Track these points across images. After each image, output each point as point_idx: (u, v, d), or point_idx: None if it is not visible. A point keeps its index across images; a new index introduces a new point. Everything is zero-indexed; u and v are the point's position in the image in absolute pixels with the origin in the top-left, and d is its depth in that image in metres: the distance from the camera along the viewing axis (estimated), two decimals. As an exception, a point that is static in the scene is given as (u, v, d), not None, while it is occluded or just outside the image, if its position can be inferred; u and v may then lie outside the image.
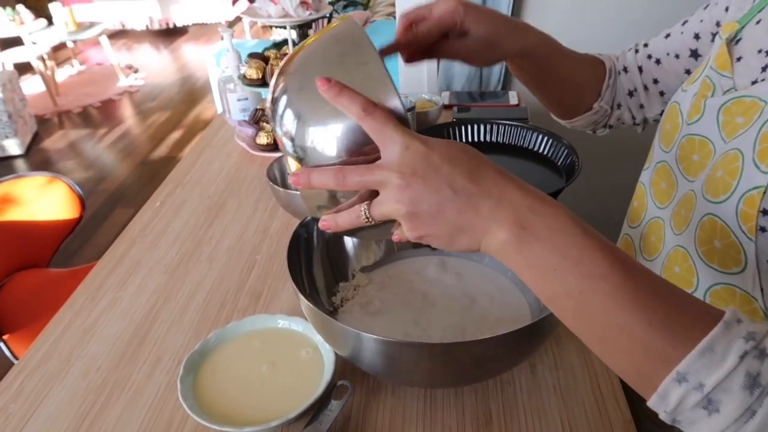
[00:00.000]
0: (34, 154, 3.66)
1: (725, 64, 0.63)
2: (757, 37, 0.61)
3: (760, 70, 0.59)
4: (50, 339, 0.80)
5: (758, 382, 0.35)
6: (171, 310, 0.84)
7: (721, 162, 0.58)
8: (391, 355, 0.58)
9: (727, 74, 0.62)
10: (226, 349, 0.71)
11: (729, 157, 0.57)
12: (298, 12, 1.14)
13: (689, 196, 0.63)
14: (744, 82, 0.60)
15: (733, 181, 0.55)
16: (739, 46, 0.63)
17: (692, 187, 0.63)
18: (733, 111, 0.58)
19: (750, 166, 0.54)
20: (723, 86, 0.62)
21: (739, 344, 0.36)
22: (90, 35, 4.63)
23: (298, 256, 0.71)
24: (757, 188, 0.53)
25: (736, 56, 0.63)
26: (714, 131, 0.61)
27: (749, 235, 0.54)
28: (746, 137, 0.55)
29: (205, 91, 4.49)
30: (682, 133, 0.66)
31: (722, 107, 0.60)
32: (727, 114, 0.59)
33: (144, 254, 0.97)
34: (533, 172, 1.08)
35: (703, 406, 0.36)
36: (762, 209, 0.52)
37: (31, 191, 1.52)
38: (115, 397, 0.70)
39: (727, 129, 0.59)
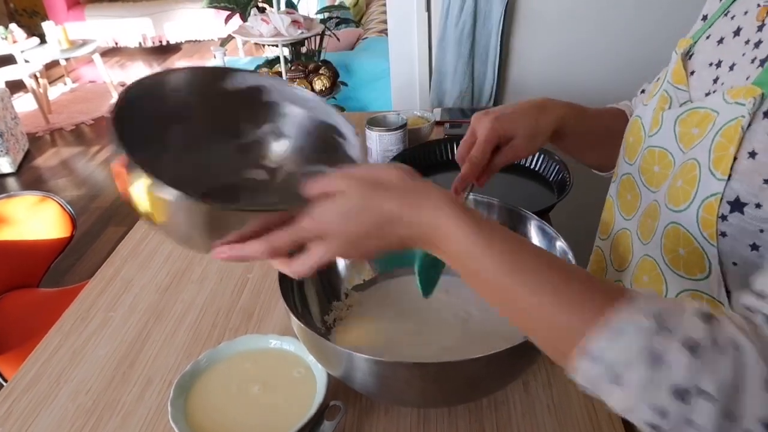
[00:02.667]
0: (25, 172, 3.65)
1: (681, 78, 0.67)
2: (707, 51, 0.65)
3: (711, 83, 0.62)
4: (39, 361, 0.79)
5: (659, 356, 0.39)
6: (162, 331, 0.83)
7: (680, 172, 0.60)
8: (383, 376, 0.58)
9: (683, 87, 0.66)
10: (217, 369, 0.70)
11: (687, 166, 0.59)
12: (290, 31, 1.15)
13: (653, 206, 0.65)
14: (698, 95, 0.64)
15: (692, 189, 0.58)
16: (692, 61, 0.68)
17: (656, 198, 0.65)
18: (689, 122, 0.61)
19: (707, 174, 0.56)
20: (679, 99, 0.66)
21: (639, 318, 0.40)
22: (83, 53, 4.63)
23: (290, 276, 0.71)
24: (714, 195, 0.55)
25: (690, 70, 0.67)
26: (672, 142, 0.64)
27: (711, 240, 0.56)
28: (701, 147, 0.57)
29: (198, 108, 4.49)
30: (644, 146, 0.69)
31: (678, 118, 0.63)
32: (683, 125, 0.62)
33: (135, 273, 0.96)
34: (525, 188, 1.08)
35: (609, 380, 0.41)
36: (721, 215, 0.55)
37: (23, 210, 1.51)
38: (105, 420, 0.69)
39: (684, 140, 0.61)
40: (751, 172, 0.52)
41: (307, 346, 0.64)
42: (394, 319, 0.75)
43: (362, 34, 3.44)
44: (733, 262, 0.56)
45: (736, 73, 0.59)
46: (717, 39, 0.65)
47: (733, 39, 0.62)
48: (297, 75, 1.19)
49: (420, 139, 1.29)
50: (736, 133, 0.53)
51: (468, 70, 1.69)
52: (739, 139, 0.53)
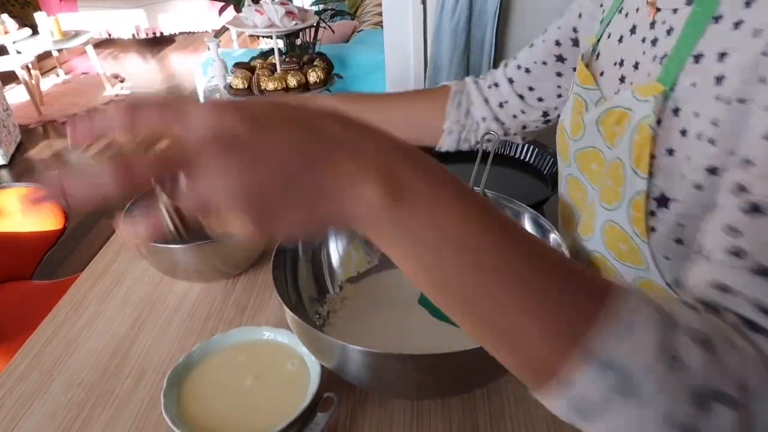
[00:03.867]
0: (18, 164, 3.62)
1: (587, 79, 0.69)
2: (611, 50, 0.67)
3: (618, 82, 0.64)
4: (32, 352, 0.79)
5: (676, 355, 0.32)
6: (155, 323, 0.83)
7: (609, 171, 0.61)
8: (377, 367, 0.58)
9: (592, 87, 0.68)
10: (210, 362, 0.70)
11: (614, 165, 0.60)
12: (284, 22, 1.14)
13: (593, 204, 0.66)
14: (609, 94, 0.66)
15: (620, 188, 0.58)
16: (600, 61, 0.69)
17: (596, 196, 0.66)
18: (608, 122, 0.63)
19: (630, 172, 0.57)
20: (593, 98, 0.68)
21: (647, 311, 0.33)
22: (76, 44, 4.60)
23: (284, 268, 0.71)
24: (639, 193, 0.56)
25: (599, 71, 0.69)
26: (600, 141, 0.65)
27: (642, 237, 0.57)
28: (623, 145, 0.58)
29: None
30: (573, 149, 0.71)
31: (598, 120, 0.64)
32: (604, 125, 0.64)
33: (128, 265, 0.96)
34: (519, 180, 1.08)
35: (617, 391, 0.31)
36: (650, 211, 0.56)
37: (15, 202, 1.50)
38: (98, 411, 0.69)
39: (609, 138, 0.63)
40: (671, 169, 0.54)
41: (300, 338, 0.64)
42: (388, 311, 0.75)
43: (357, 27, 3.42)
44: (665, 257, 0.57)
45: (641, 71, 0.60)
46: (617, 38, 0.66)
47: (631, 37, 0.63)
48: (291, 67, 1.18)
49: (415, 131, 1.28)
50: (648, 132, 0.54)
51: (463, 62, 1.69)
52: (650, 137, 0.54)
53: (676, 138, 0.53)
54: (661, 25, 0.58)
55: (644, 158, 0.55)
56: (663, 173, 0.55)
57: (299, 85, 1.15)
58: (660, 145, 0.55)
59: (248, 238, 0.33)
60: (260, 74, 1.16)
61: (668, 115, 0.54)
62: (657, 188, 0.55)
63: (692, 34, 0.52)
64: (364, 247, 0.81)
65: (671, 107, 0.54)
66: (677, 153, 0.53)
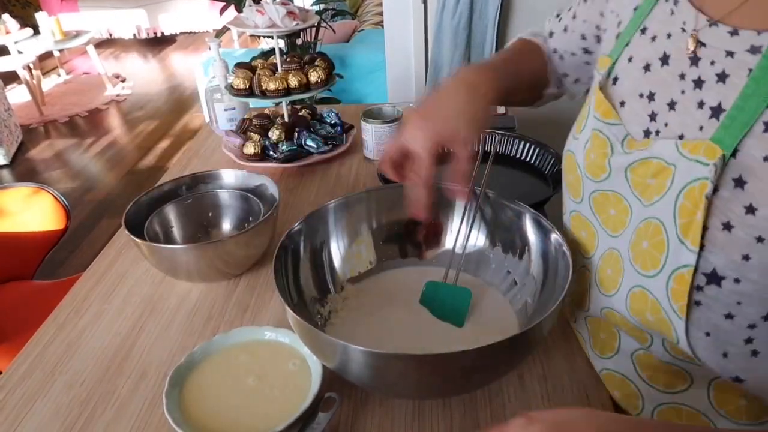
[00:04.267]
0: (19, 164, 3.63)
1: (608, 112, 0.61)
2: (635, 78, 0.60)
3: (648, 119, 0.57)
4: (34, 353, 0.79)
5: None
6: (157, 323, 0.83)
7: (645, 231, 0.56)
8: (378, 367, 0.58)
9: (615, 122, 0.60)
10: (212, 362, 0.70)
11: (652, 227, 0.55)
12: (285, 22, 1.14)
13: (614, 255, 0.61)
14: (636, 130, 0.58)
15: (661, 255, 0.53)
16: (618, 88, 0.62)
17: (615, 245, 0.61)
18: (641, 172, 0.56)
19: (676, 242, 0.52)
20: (617, 136, 0.60)
21: None
22: (77, 44, 4.60)
23: (285, 268, 0.71)
24: (686, 267, 0.51)
25: (619, 100, 0.61)
26: (626, 189, 0.59)
27: (680, 314, 0.53)
28: (665, 206, 0.53)
29: (193, 101, 4.47)
30: (589, 189, 0.64)
31: (629, 167, 0.58)
32: (636, 174, 0.57)
33: (130, 266, 0.96)
34: (521, 180, 1.08)
35: None
36: (696, 285, 0.51)
37: (16, 202, 1.50)
38: (100, 411, 0.69)
39: (640, 188, 0.57)
40: (728, 246, 0.48)
41: (302, 338, 0.64)
42: (389, 311, 0.75)
43: (358, 26, 3.42)
44: (706, 333, 0.52)
45: (682, 116, 0.54)
46: (642, 65, 0.59)
47: (662, 68, 0.57)
48: (292, 67, 1.18)
49: (416, 131, 1.29)
50: (701, 200, 0.49)
51: (464, 62, 1.69)
52: (705, 208, 0.49)
53: (739, 214, 0.47)
54: (708, 66, 0.51)
55: (695, 229, 0.49)
56: (717, 248, 0.49)
57: (300, 85, 1.15)
58: (715, 217, 0.49)
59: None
60: (261, 74, 1.16)
61: (728, 184, 0.48)
62: (708, 263, 0.50)
63: (762, 92, 0.46)
64: (365, 247, 0.81)
65: (732, 176, 0.48)
66: (738, 230, 0.48)
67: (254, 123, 1.28)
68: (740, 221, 0.47)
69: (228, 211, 0.99)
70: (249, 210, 0.97)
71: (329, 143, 1.24)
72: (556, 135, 0.94)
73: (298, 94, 1.16)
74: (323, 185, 1.17)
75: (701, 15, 0.52)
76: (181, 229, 0.96)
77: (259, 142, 1.21)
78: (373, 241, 0.82)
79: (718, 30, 0.50)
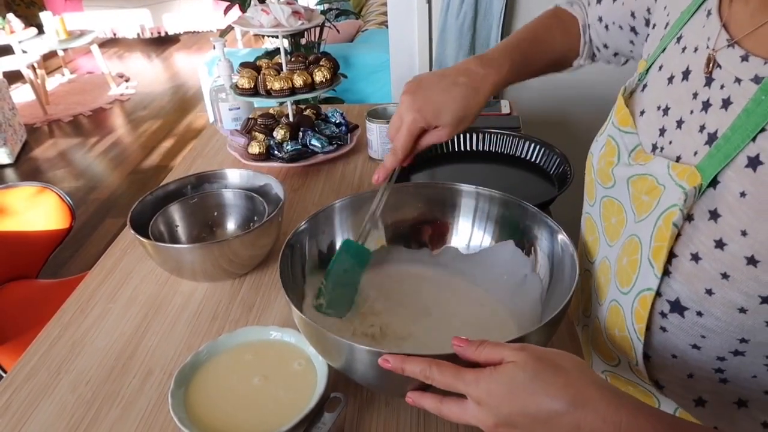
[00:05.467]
0: (23, 163, 3.64)
1: (625, 119, 0.60)
2: (659, 89, 0.57)
3: (658, 133, 0.55)
4: (39, 352, 0.79)
5: None
6: (162, 322, 0.83)
7: (628, 247, 0.55)
8: (384, 367, 0.58)
9: (630, 130, 0.59)
10: (217, 361, 0.70)
11: (632, 244, 0.54)
12: (290, 22, 1.14)
13: (606, 265, 0.61)
14: (647, 143, 0.57)
15: (633, 274, 0.53)
16: (644, 96, 0.60)
17: (608, 255, 0.61)
18: (639, 186, 0.55)
19: (646, 263, 0.51)
20: (628, 145, 0.59)
21: None
22: (81, 44, 4.61)
23: (291, 267, 0.71)
24: (649, 290, 0.51)
25: (640, 109, 0.59)
26: (627, 200, 0.58)
27: (639, 335, 0.53)
28: (646, 226, 0.52)
29: (196, 100, 4.48)
30: (601, 194, 0.63)
31: (630, 179, 0.57)
32: (635, 187, 0.56)
33: (135, 265, 0.96)
34: (525, 181, 1.08)
35: None
36: (660, 311, 0.51)
37: (21, 201, 1.50)
38: (105, 411, 0.69)
39: (636, 203, 0.56)
40: (693, 277, 0.47)
41: (307, 338, 0.64)
42: (396, 311, 0.75)
43: (362, 26, 3.42)
44: (672, 355, 0.52)
45: (685, 136, 0.52)
46: (668, 75, 0.56)
47: (682, 83, 0.54)
48: (297, 66, 1.18)
49: (420, 131, 1.28)
50: (669, 228, 0.48)
51: (468, 62, 1.69)
52: (671, 236, 0.48)
53: (709, 247, 0.46)
54: (718, 90, 0.48)
55: (662, 254, 0.48)
56: (683, 278, 0.48)
57: (305, 84, 1.15)
58: (685, 246, 0.48)
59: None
60: (266, 74, 1.16)
61: (703, 215, 0.46)
62: (673, 291, 0.49)
63: (749, 126, 0.43)
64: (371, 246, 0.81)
65: (708, 207, 0.46)
66: (705, 263, 0.46)
67: (259, 123, 1.28)
68: (709, 254, 0.46)
69: (233, 210, 0.99)
70: (254, 209, 0.97)
71: (334, 143, 1.24)
72: (561, 135, 0.94)
73: (302, 93, 1.16)
74: (328, 185, 1.17)
75: (723, 32, 0.50)
76: (186, 228, 0.96)
77: (264, 141, 1.21)
78: (379, 240, 0.82)
79: (733, 52, 0.48)
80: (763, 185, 0.42)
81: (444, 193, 0.81)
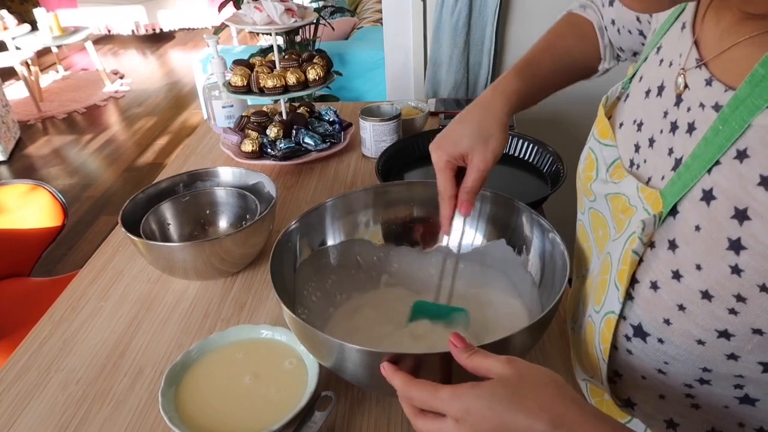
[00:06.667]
0: (17, 160, 3.62)
1: (604, 131, 0.59)
2: (636, 101, 0.56)
3: (633, 149, 0.54)
4: (30, 350, 0.79)
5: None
6: (153, 321, 0.83)
7: (603, 266, 0.55)
8: (375, 366, 0.58)
9: (610, 143, 0.58)
10: (208, 360, 0.70)
11: (605, 264, 0.54)
12: (283, 19, 1.14)
13: (591, 278, 0.61)
14: (625, 157, 0.55)
15: (603, 295, 0.53)
16: (625, 106, 0.58)
17: (595, 267, 0.60)
18: (616, 204, 0.54)
19: (612, 284, 0.51)
20: (606, 159, 0.58)
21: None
22: (75, 40, 4.59)
23: (282, 266, 0.71)
24: (613, 313, 0.50)
25: (620, 121, 0.58)
26: (608, 215, 0.57)
27: (604, 355, 0.53)
28: (617, 247, 0.51)
29: (191, 97, 4.47)
30: (587, 205, 0.63)
31: (608, 196, 0.56)
32: (613, 204, 0.55)
33: (126, 263, 0.96)
34: (519, 179, 1.08)
35: None
36: (625, 335, 0.51)
37: (14, 199, 1.49)
38: (96, 410, 0.69)
39: (616, 220, 0.55)
40: (652, 305, 0.47)
41: (298, 337, 0.64)
42: (387, 311, 0.75)
43: (357, 24, 3.41)
44: (642, 376, 0.52)
45: (655, 157, 0.50)
46: (645, 88, 0.55)
47: (656, 98, 0.52)
48: (291, 64, 1.18)
49: (414, 129, 1.28)
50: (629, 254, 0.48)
51: (463, 60, 1.69)
52: (630, 262, 0.47)
53: (667, 276, 0.45)
54: (685, 112, 0.47)
55: (625, 278, 0.48)
56: (645, 304, 0.48)
57: (298, 82, 1.14)
58: (645, 273, 0.47)
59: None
60: (259, 71, 1.16)
61: (663, 244, 0.46)
62: (636, 316, 0.49)
63: (707, 156, 0.42)
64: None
65: (668, 237, 0.45)
66: (663, 293, 0.46)
67: (252, 120, 1.27)
68: (666, 284, 0.46)
69: (225, 208, 0.99)
70: (246, 208, 0.97)
71: (327, 141, 1.24)
72: (554, 134, 0.94)
73: (296, 91, 1.16)
74: (321, 183, 1.17)
75: (694, 50, 0.48)
76: (178, 226, 0.96)
77: (257, 139, 1.21)
78: (371, 239, 0.82)
79: (700, 74, 0.46)
80: (715, 222, 0.41)
81: (437, 192, 0.81)
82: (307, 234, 0.76)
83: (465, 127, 0.70)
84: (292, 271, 0.73)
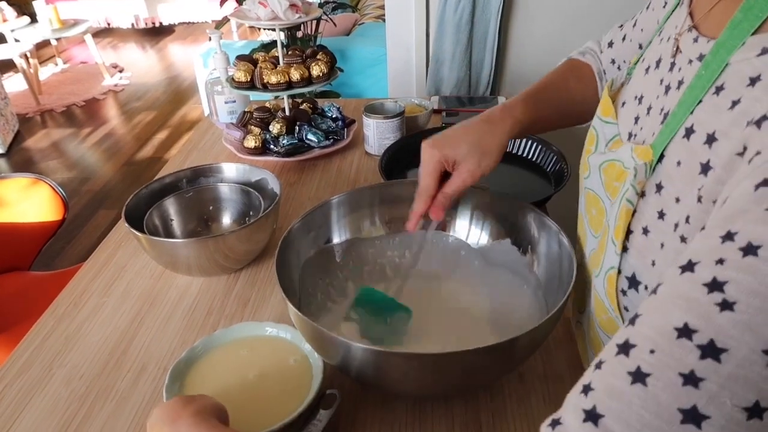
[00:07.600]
0: (15, 153, 3.61)
1: (608, 110, 0.62)
2: (638, 80, 0.60)
3: (633, 121, 0.57)
4: (32, 346, 0.78)
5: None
6: (156, 317, 0.82)
7: (603, 233, 0.56)
8: (380, 365, 0.58)
9: (611, 120, 0.61)
10: (212, 357, 0.70)
11: (604, 229, 0.55)
12: (288, 15, 1.13)
13: (593, 257, 0.62)
14: (624, 132, 0.58)
15: (602, 256, 0.55)
16: (628, 87, 0.62)
17: (595, 246, 0.61)
18: (610, 173, 0.56)
19: (610, 242, 0.52)
20: (606, 135, 0.60)
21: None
22: (74, 33, 4.57)
23: (287, 262, 0.71)
24: (612, 268, 0.52)
25: (622, 101, 0.61)
26: (601, 189, 0.59)
27: (615, 312, 0.53)
28: (614, 208, 0.53)
29: (191, 92, 4.45)
30: (582, 187, 0.65)
31: (601, 166, 0.58)
32: (607, 174, 0.57)
33: (129, 259, 0.96)
34: (522, 178, 1.08)
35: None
36: (621, 289, 0.52)
37: (13, 193, 1.49)
38: (99, 406, 0.69)
39: (610, 190, 0.57)
40: (644, 250, 0.49)
41: (303, 335, 0.64)
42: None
43: (359, 20, 3.40)
44: None
45: (651, 121, 0.53)
46: (646, 66, 0.59)
47: (654, 71, 0.56)
48: (294, 60, 1.17)
49: (417, 127, 1.28)
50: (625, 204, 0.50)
51: (466, 57, 1.68)
52: (625, 212, 0.50)
53: (653, 218, 0.48)
54: (677, 72, 0.50)
55: (621, 231, 0.50)
56: (637, 252, 0.50)
57: (302, 78, 1.14)
58: (638, 221, 0.50)
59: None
60: (263, 67, 1.15)
61: (651, 189, 0.48)
62: (630, 267, 0.50)
63: (690, 100, 0.45)
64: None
65: (655, 181, 0.48)
66: (651, 235, 0.48)
67: (255, 116, 1.27)
68: (653, 225, 0.48)
69: (228, 204, 0.99)
70: (249, 204, 0.96)
71: (330, 137, 1.24)
72: (558, 133, 0.94)
73: (299, 87, 1.16)
74: (324, 180, 1.17)
75: (688, 18, 0.52)
76: (182, 222, 0.96)
77: (260, 135, 1.21)
78: (376, 237, 0.81)
79: (689, 35, 0.50)
80: (694, 153, 0.43)
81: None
82: (312, 231, 0.76)
83: (467, 136, 0.70)
84: (297, 268, 0.73)
